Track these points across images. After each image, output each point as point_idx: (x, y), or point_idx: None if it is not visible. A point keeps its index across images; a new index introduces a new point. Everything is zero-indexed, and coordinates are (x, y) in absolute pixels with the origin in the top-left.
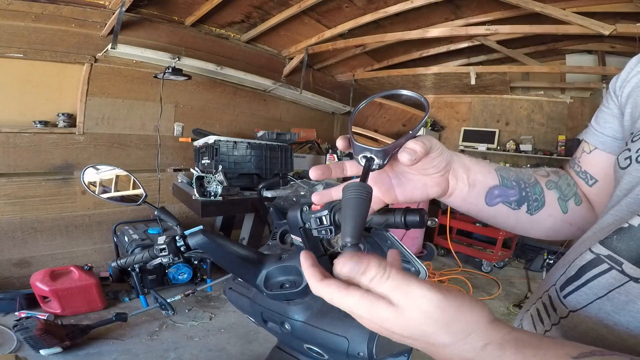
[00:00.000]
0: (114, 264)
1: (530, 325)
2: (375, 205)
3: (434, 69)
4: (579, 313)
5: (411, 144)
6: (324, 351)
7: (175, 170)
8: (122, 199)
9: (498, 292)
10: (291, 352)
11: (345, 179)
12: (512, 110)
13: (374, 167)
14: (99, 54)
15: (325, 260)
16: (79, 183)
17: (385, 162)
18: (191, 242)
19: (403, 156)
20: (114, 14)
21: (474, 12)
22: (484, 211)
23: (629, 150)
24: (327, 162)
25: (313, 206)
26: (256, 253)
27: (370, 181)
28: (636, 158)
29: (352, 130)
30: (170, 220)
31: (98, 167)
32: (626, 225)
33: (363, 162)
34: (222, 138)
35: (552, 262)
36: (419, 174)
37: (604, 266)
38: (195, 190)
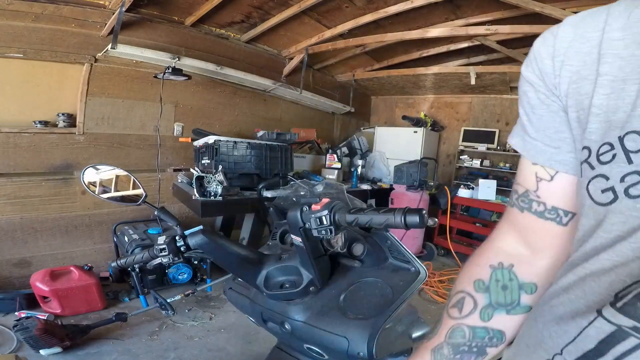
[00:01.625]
0: (114, 264)
1: None
2: None
3: (434, 69)
4: None
5: None
6: (324, 351)
7: (175, 170)
8: (122, 199)
9: None
10: (291, 352)
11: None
12: (512, 110)
13: None
14: (99, 54)
15: (325, 260)
16: (79, 183)
17: None
18: (191, 242)
19: None
20: (114, 14)
21: (474, 12)
22: None
23: (605, 177)
24: (327, 162)
25: (313, 206)
26: (256, 253)
27: None
28: (625, 190)
29: None
30: (170, 220)
31: (98, 167)
32: None
33: None
34: (222, 138)
35: None
36: None
37: (634, 341)
38: (195, 190)
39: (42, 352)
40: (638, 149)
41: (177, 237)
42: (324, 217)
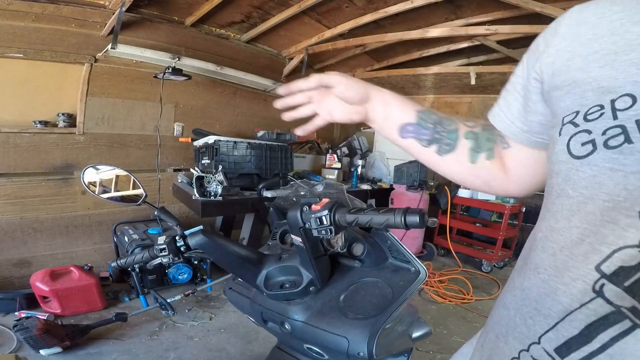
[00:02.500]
0: (114, 264)
1: None
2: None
3: (434, 69)
4: None
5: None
6: (324, 351)
7: (175, 170)
8: (122, 199)
9: (498, 292)
10: (291, 352)
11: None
12: None
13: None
14: (99, 54)
15: (325, 260)
16: (79, 183)
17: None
18: (191, 242)
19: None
20: (114, 14)
21: (474, 12)
22: (398, 141)
23: (588, 132)
24: (327, 162)
25: (313, 206)
26: (256, 253)
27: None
28: (605, 142)
29: None
30: (170, 220)
31: (98, 167)
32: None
33: None
34: (222, 138)
35: None
36: (345, 102)
37: (627, 324)
38: (195, 190)
39: (42, 352)
40: (626, 107)
41: (177, 237)
42: (324, 217)
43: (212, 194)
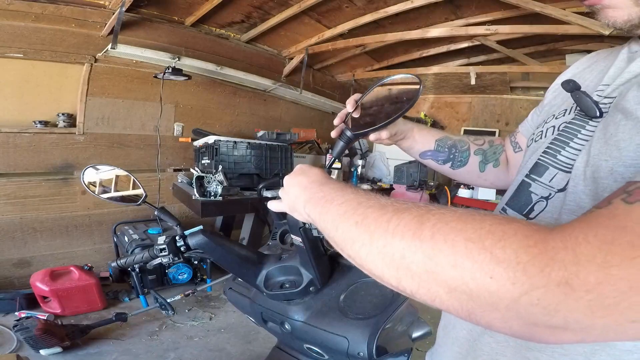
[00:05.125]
0: (114, 264)
1: None
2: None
3: (434, 69)
4: None
5: (382, 134)
6: (324, 351)
7: (175, 170)
8: (122, 199)
9: None
10: (291, 352)
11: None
12: (512, 110)
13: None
14: (99, 54)
15: (325, 260)
16: (79, 183)
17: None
18: (191, 242)
19: (371, 137)
20: (114, 14)
21: (474, 12)
22: (418, 160)
23: (533, 138)
24: (326, 162)
25: None
26: (256, 253)
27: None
28: (532, 139)
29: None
30: (170, 220)
31: (98, 167)
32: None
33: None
34: (222, 138)
35: None
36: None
37: None
38: (195, 190)
39: (42, 352)
40: (548, 123)
41: (177, 237)
42: None
43: (212, 194)
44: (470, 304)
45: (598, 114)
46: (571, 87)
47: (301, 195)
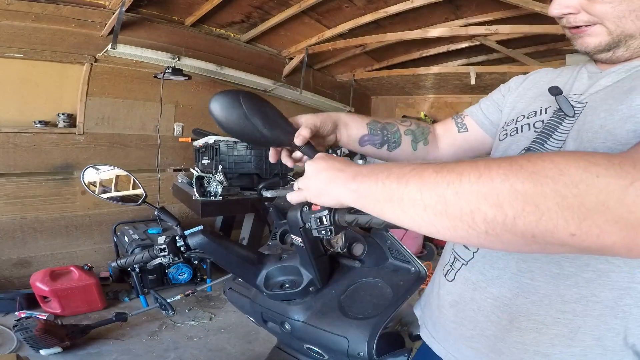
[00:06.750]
0: (114, 264)
1: None
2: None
3: (434, 69)
4: None
5: (301, 131)
6: (324, 351)
7: (175, 170)
8: (122, 199)
9: None
10: (291, 352)
11: None
12: None
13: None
14: (99, 54)
15: (325, 260)
16: (79, 183)
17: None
18: (191, 242)
19: (297, 141)
20: (114, 14)
21: (474, 12)
22: (359, 149)
23: (506, 133)
24: None
25: (313, 206)
26: (256, 253)
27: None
28: (506, 134)
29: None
30: (170, 220)
31: (98, 167)
32: None
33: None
34: (222, 138)
35: None
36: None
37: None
38: (195, 190)
39: (42, 352)
40: (520, 121)
41: (177, 237)
42: (324, 217)
43: (212, 194)
44: (582, 210)
45: (572, 113)
46: (555, 92)
47: (339, 175)
